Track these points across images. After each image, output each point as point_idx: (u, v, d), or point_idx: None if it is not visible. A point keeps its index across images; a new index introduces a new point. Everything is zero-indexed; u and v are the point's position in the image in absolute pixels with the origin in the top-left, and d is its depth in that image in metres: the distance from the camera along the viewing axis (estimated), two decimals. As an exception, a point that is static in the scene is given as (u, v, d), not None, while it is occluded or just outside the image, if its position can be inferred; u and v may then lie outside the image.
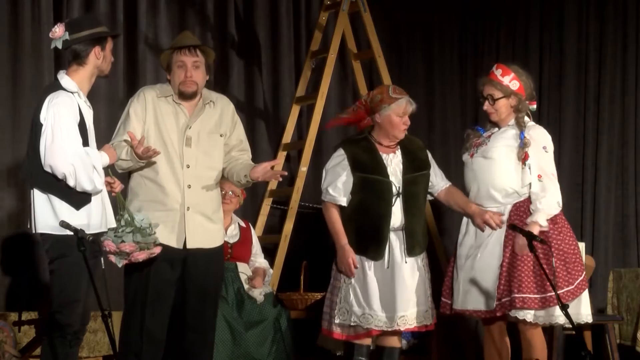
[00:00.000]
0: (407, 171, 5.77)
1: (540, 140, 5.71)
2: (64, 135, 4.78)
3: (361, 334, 5.72)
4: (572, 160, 8.58)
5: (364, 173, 5.73)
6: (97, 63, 4.97)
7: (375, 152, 5.78)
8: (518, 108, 5.74)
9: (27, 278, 6.75)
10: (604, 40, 8.50)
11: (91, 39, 4.93)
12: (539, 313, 5.57)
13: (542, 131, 5.77)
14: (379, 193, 5.71)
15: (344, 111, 5.97)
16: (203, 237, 5.36)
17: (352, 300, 5.68)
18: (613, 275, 7.77)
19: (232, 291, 6.57)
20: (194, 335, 5.41)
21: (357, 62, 7.96)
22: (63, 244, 4.79)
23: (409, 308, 5.66)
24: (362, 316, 5.66)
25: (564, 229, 5.67)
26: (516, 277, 5.54)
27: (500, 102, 5.73)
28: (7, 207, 6.82)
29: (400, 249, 5.70)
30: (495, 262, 5.63)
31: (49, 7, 6.99)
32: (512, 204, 5.67)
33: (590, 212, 8.42)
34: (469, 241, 5.75)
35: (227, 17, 7.93)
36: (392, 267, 5.67)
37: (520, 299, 5.52)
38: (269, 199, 7.72)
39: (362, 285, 5.68)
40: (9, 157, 6.86)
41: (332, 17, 7.90)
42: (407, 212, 5.71)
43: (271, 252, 7.28)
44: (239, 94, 7.96)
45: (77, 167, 4.77)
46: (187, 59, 5.38)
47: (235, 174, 5.50)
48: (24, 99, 6.88)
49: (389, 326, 5.65)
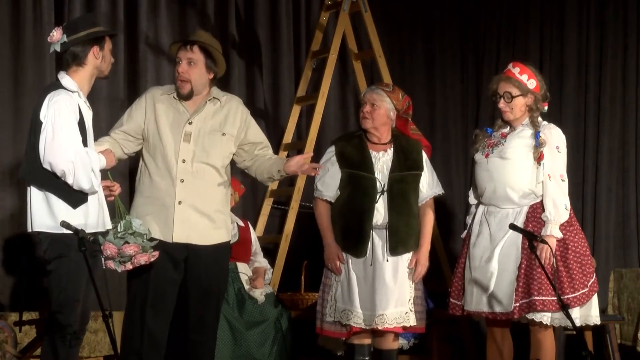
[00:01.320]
0: (395, 169, 5.77)
1: (554, 140, 5.68)
2: (65, 133, 4.78)
3: (344, 332, 5.74)
4: (572, 160, 8.52)
5: (350, 169, 5.77)
6: (96, 63, 4.96)
7: (364, 149, 5.80)
8: (533, 107, 5.71)
9: (27, 278, 6.74)
10: (604, 40, 8.50)
11: (89, 39, 4.92)
12: (555, 315, 5.54)
13: (557, 131, 5.73)
14: (363, 189, 5.73)
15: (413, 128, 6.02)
16: (192, 232, 5.31)
17: (338, 295, 5.73)
18: (614, 275, 7.77)
19: (232, 291, 6.57)
20: (195, 336, 5.41)
21: (357, 62, 7.96)
22: (61, 243, 4.78)
23: (388, 307, 5.64)
24: (343, 312, 5.69)
25: (578, 230, 5.66)
26: (536, 279, 5.51)
27: (517, 100, 5.69)
28: (8, 207, 6.83)
29: (383, 247, 5.69)
30: (512, 264, 5.59)
31: (50, 7, 7.00)
32: (529, 205, 5.66)
33: (590, 212, 8.42)
34: (484, 243, 5.70)
35: (227, 18, 7.93)
36: (373, 265, 5.67)
37: (541, 301, 5.49)
38: (270, 199, 7.72)
39: (346, 282, 5.71)
40: (10, 157, 6.86)
41: (333, 17, 7.89)
42: (391, 210, 5.71)
43: (272, 252, 7.28)
44: (240, 94, 7.92)
45: (76, 165, 4.76)
46: (182, 55, 5.38)
47: (265, 170, 5.49)
48: (26, 99, 6.88)
49: (368, 324, 5.66)
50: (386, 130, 5.85)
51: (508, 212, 5.67)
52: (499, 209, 5.69)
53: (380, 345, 5.85)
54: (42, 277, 6.79)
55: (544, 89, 5.77)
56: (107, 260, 4.97)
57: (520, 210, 5.65)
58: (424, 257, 5.78)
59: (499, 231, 5.66)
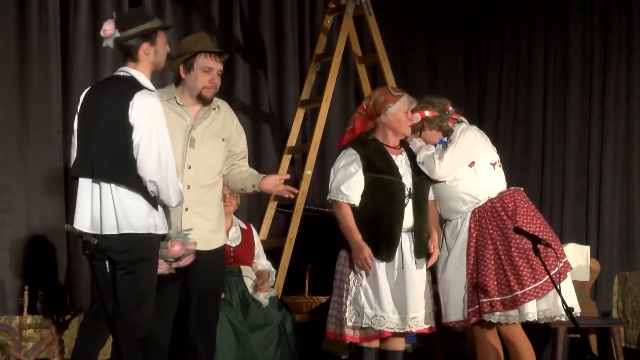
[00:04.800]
0: (415, 173, 5.80)
1: (455, 137, 5.80)
2: (168, 151, 4.76)
3: (372, 335, 5.73)
4: (577, 164, 8.57)
5: (377, 174, 5.75)
6: (150, 59, 4.89)
7: (385, 153, 5.80)
8: (439, 124, 5.85)
9: (32, 282, 6.74)
10: (608, 44, 8.50)
11: (140, 35, 4.85)
12: (510, 313, 5.62)
13: (462, 128, 5.82)
14: (393, 194, 5.73)
15: (349, 124, 5.97)
16: (200, 238, 5.30)
17: (364, 302, 5.69)
18: (618, 278, 7.77)
19: (236, 295, 6.57)
20: (196, 339, 5.40)
21: (361, 66, 7.96)
22: (146, 245, 4.75)
23: (420, 309, 5.69)
24: (374, 318, 5.67)
25: (528, 225, 5.67)
26: (480, 282, 5.63)
27: (425, 135, 5.87)
28: (15, 209, 6.83)
29: (410, 250, 5.72)
30: (463, 271, 5.73)
31: (55, 11, 7.00)
32: (470, 210, 5.75)
33: (595, 216, 8.42)
34: (443, 254, 5.85)
35: (232, 21, 7.93)
36: (404, 269, 5.70)
37: (487, 303, 5.62)
38: (274, 202, 7.71)
39: (374, 287, 5.69)
40: (16, 158, 6.87)
41: (337, 21, 7.89)
42: (417, 214, 5.74)
43: (276, 256, 7.27)
44: (244, 97, 7.96)
45: (171, 186, 4.77)
46: (216, 66, 5.37)
47: (239, 182, 5.49)
48: (32, 101, 6.89)
49: (402, 327, 5.68)
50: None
51: (457, 222, 5.81)
52: (450, 220, 5.85)
53: (387, 347, 5.85)
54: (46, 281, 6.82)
55: (442, 106, 5.88)
56: (171, 262, 4.94)
57: (465, 217, 5.77)
58: (436, 242, 5.85)
59: (451, 240, 5.80)
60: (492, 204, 5.73)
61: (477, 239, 5.70)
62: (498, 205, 5.72)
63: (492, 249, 5.66)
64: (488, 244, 5.66)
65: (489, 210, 5.72)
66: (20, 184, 6.86)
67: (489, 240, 5.67)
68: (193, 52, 5.34)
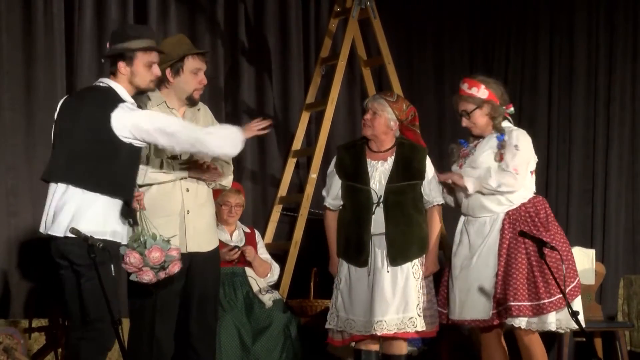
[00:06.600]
0: (392, 180, 5.80)
1: (513, 140, 5.72)
2: (171, 120, 4.87)
3: (347, 339, 5.84)
4: (582, 166, 8.57)
5: (347, 180, 5.89)
6: (127, 78, 4.90)
7: (362, 159, 5.86)
8: (493, 115, 5.76)
9: (38, 285, 6.75)
10: (613, 46, 8.50)
11: (113, 54, 4.88)
12: (532, 320, 5.60)
13: (518, 132, 5.76)
14: (359, 200, 5.82)
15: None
16: (202, 240, 5.34)
17: (340, 305, 5.83)
18: (623, 282, 7.77)
19: (241, 295, 6.57)
20: (197, 343, 5.40)
21: (366, 69, 7.95)
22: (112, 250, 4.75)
23: (388, 314, 5.69)
24: (347, 321, 5.80)
25: (557, 235, 5.67)
26: (511, 285, 5.58)
27: (475, 114, 5.76)
28: (20, 212, 6.84)
29: (382, 256, 5.76)
30: (490, 271, 5.66)
31: (60, 14, 7.02)
32: (504, 212, 5.70)
33: (600, 219, 8.41)
34: (463, 251, 5.77)
35: (237, 24, 7.94)
36: (373, 274, 5.75)
37: (516, 307, 5.56)
38: (279, 205, 7.72)
39: (347, 291, 5.82)
40: (22, 161, 6.88)
41: (342, 24, 7.90)
42: (388, 221, 5.76)
43: (281, 259, 7.28)
44: (249, 101, 7.97)
45: (207, 138, 4.89)
46: (203, 66, 5.37)
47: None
48: (38, 105, 6.90)
49: (367, 330, 5.73)
50: (387, 139, 5.90)
51: (485, 220, 5.74)
52: (476, 218, 5.76)
53: (387, 351, 5.90)
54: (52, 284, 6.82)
55: (501, 91, 5.80)
56: (144, 269, 4.88)
57: (496, 217, 5.71)
58: (428, 260, 5.84)
59: (477, 239, 5.73)
60: (525, 208, 5.69)
61: (510, 241, 5.65)
62: (532, 211, 5.69)
63: (524, 253, 5.61)
64: (521, 248, 5.61)
65: (523, 215, 5.68)
66: (27, 186, 6.87)
67: (522, 245, 5.61)
68: (179, 55, 5.31)
